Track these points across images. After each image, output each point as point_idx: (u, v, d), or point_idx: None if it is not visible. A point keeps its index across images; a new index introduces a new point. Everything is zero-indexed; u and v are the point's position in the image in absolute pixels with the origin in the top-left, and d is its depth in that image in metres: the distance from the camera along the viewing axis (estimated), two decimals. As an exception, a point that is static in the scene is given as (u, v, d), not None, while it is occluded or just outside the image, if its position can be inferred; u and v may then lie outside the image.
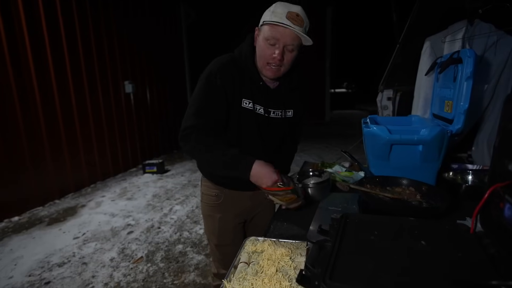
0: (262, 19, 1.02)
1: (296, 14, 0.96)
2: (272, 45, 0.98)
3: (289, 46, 0.98)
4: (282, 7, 0.97)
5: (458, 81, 1.17)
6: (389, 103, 2.16)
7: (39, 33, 3.23)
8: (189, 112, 1.03)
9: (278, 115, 1.14)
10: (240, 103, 1.06)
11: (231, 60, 1.06)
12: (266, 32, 0.98)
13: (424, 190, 1.12)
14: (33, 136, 3.19)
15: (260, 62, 1.04)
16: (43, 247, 2.41)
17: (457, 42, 1.46)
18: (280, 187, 1.01)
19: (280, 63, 1.00)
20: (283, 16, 0.95)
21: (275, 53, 0.98)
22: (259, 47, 1.03)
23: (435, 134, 1.15)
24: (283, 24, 0.94)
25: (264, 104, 1.10)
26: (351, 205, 1.22)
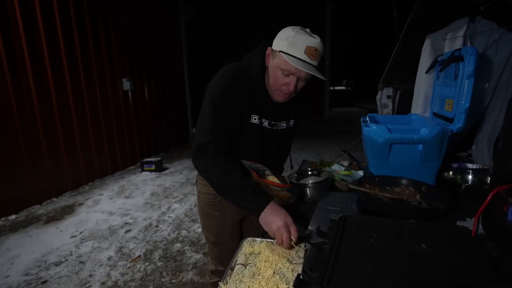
0: (277, 44, 0.98)
1: (315, 49, 0.94)
2: (286, 76, 0.98)
3: (303, 78, 0.99)
4: (301, 39, 0.93)
5: (459, 80, 1.15)
6: (388, 102, 2.15)
7: (34, 28, 3.19)
8: (204, 129, 1.00)
9: (283, 126, 1.18)
10: (249, 119, 1.07)
11: (240, 74, 1.04)
12: (282, 64, 0.96)
13: (424, 190, 1.11)
14: (30, 133, 3.16)
15: (271, 86, 1.03)
16: (40, 246, 2.40)
17: (458, 39, 1.44)
18: (277, 183, 1.02)
19: (292, 93, 1.02)
20: (301, 51, 0.93)
21: (289, 84, 0.99)
22: (272, 72, 1.01)
23: (435, 134, 1.14)
24: (300, 60, 0.93)
25: (270, 118, 1.12)
26: (350, 204, 1.21)
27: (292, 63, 0.92)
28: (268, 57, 1.03)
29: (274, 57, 1.00)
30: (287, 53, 0.94)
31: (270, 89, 1.05)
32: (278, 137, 1.21)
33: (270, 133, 1.16)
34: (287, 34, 0.96)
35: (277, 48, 0.98)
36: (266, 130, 1.13)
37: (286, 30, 0.98)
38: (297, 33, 0.95)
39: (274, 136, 1.18)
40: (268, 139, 1.16)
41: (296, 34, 0.95)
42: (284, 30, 0.99)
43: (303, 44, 0.93)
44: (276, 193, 1.08)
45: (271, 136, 1.17)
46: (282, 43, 0.96)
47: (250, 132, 1.10)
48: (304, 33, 0.95)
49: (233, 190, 0.96)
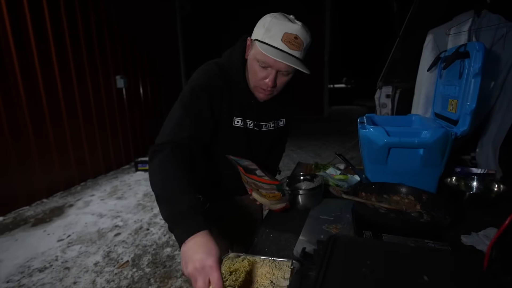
0: (254, 33, 0.86)
1: (295, 37, 0.80)
2: (263, 68, 0.85)
3: (283, 71, 0.85)
4: (278, 25, 0.80)
5: (464, 78, 1.05)
6: (388, 101, 2.05)
7: (22, 21, 3.06)
8: (166, 127, 0.86)
9: (271, 127, 1.07)
10: (231, 122, 0.96)
11: (219, 72, 0.92)
12: (258, 54, 0.83)
13: (425, 199, 1.02)
14: (18, 131, 3.05)
15: (251, 82, 0.92)
16: (25, 250, 2.31)
17: (463, 34, 1.34)
18: (266, 179, 0.93)
19: (272, 89, 0.89)
20: (278, 39, 0.80)
21: (266, 78, 0.86)
22: (250, 65, 0.89)
23: (438, 137, 1.04)
24: (277, 49, 0.80)
25: (255, 119, 1.01)
26: (345, 213, 1.12)
27: (266, 52, 0.79)
28: (248, 49, 0.90)
29: (252, 47, 0.88)
30: (262, 41, 0.82)
31: (251, 86, 0.93)
32: (267, 139, 1.10)
33: (257, 136, 1.05)
34: (264, 20, 0.84)
35: (253, 36, 0.86)
36: (252, 132, 1.03)
37: (265, 17, 0.85)
38: (275, 18, 0.81)
39: (262, 138, 1.07)
40: (255, 142, 1.06)
41: (273, 19, 0.81)
42: (264, 17, 0.86)
43: (281, 30, 0.79)
44: (265, 193, 0.99)
45: (259, 138, 1.06)
46: (259, 30, 0.84)
47: (234, 136, 0.99)
48: (283, 19, 0.81)
49: (166, 201, 0.68)
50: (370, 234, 0.84)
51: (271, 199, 1.00)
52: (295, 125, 1.28)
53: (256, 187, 0.99)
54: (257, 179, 0.94)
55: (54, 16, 3.41)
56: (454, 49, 1.15)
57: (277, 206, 1.03)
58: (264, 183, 0.94)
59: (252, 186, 1.00)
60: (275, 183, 0.94)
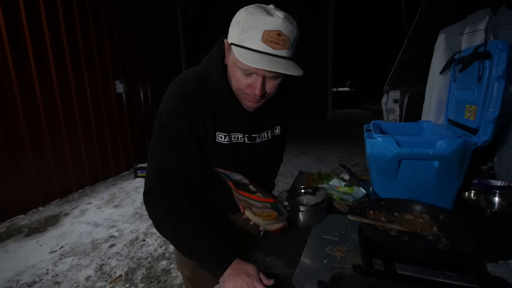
0: (230, 34, 0.72)
1: (278, 34, 0.65)
2: (247, 75, 0.72)
3: (271, 75, 0.71)
4: (255, 22, 0.65)
5: (484, 82, 0.94)
6: (395, 106, 1.92)
7: (18, 25, 3.00)
8: (153, 167, 0.79)
9: (265, 137, 0.94)
10: (214, 138, 0.84)
11: (197, 85, 0.80)
12: (237, 61, 0.69)
13: (442, 218, 0.90)
14: (14, 138, 2.98)
15: (235, 90, 0.79)
16: (15, 262, 2.22)
17: (479, 34, 1.22)
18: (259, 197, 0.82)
19: (261, 98, 0.76)
20: (257, 39, 0.65)
21: (253, 86, 0.72)
22: (231, 72, 0.75)
23: (456, 148, 0.92)
24: (258, 52, 0.66)
25: (246, 131, 0.88)
26: (350, 232, 1.00)
27: (245, 60, 0.65)
28: (227, 51, 0.77)
29: (230, 52, 0.73)
30: (239, 45, 0.68)
31: (237, 95, 0.80)
32: (260, 153, 0.97)
33: (250, 150, 0.92)
34: (238, 18, 0.69)
35: (229, 39, 0.72)
36: (244, 146, 0.90)
37: (239, 13, 0.70)
38: (250, 14, 0.66)
39: (255, 152, 0.94)
40: (246, 157, 0.93)
41: (248, 16, 0.66)
42: (237, 13, 0.71)
43: (259, 28, 0.65)
44: (258, 212, 0.88)
45: (251, 153, 0.93)
46: (234, 31, 0.70)
47: (218, 153, 0.86)
48: (260, 12, 0.66)
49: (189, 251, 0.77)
50: (381, 263, 0.73)
51: (266, 219, 0.89)
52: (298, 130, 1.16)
53: (248, 205, 0.88)
54: (249, 196, 0.83)
55: (51, 21, 3.36)
56: (471, 50, 1.04)
57: (273, 226, 0.92)
58: (257, 200, 0.83)
59: (244, 203, 0.89)
60: (270, 200, 0.83)
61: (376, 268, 0.71)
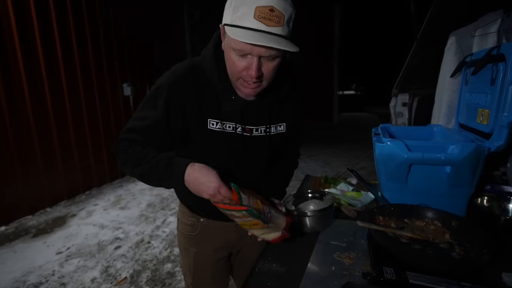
0: (224, 15, 0.72)
1: (270, 9, 0.63)
2: (242, 57, 0.70)
3: (267, 56, 0.69)
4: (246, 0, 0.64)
5: (498, 85, 0.91)
6: (404, 110, 1.89)
7: (29, 29, 3.06)
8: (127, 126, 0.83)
9: (261, 132, 0.87)
10: (205, 124, 0.81)
11: (191, 69, 0.81)
12: (231, 42, 0.68)
13: (455, 226, 0.87)
14: (23, 140, 3.03)
15: (232, 76, 0.76)
16: (22, 263, 2.24)
17: (491, 36, 1.20)
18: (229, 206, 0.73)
19: (258, 80, 0.72)
20: (249, 16, 0.63)
21: (249, 68, 0.70)
22: (227, 57, 0.74)
23: (468, 153, 0.90)
24: (250, 29, 0.64)
25: (238, 121, 0.83)
26: (359, 238, 0.98)
27: (238, 37, 0.63)
28: (222, 37, 0.75)
29: (225, 35, 0.72)
30: (232, 24, 0.67)
31: (232, 80, 0.78)
32: (258, 148, 0.88)
33: (242, 143, 0.85)
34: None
35: (223, 21, 0.71)
36: (235, 138, 0.84)
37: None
38: None
39: (250, 146, 0.87)
40: (241, 151, 0.86)
41: None
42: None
43: (251, 5, 0.63)
44: (243, 222, 0.79)
45: (244, 146, 0.86)
46: (227, 12, 0.69)
47: (210, 141, 0.83)
48: None
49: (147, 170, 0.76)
50: (392, 272, 0.71)
51: (255, 227, 0.81)
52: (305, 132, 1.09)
53: (232, 217, 0.79)
54: (222, 206, 0.74)
55: (61, 24, 3.42)
56: (483, 52, 1.01)
57: (270, 236, 0.84)
58: (231, 210, 0.74)
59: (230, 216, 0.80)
60: (241, 208, 0.73)
61: (387, 277, 0.69)
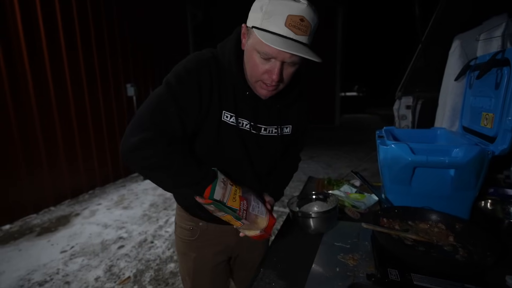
0: (251, 18, 0.72)
1: (301, 19, 0.66)
2: (266, 60, 0.71)
3: (290, 62, 0.71)
4: (279, 6, 0.66)
5: (502, 89, 0.92)
6: (408, 113, 1.90)
7: (35, 30, 3.10)
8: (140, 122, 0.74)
9: (272, 132, 0.89)
10: (219, 116, 0.80)
11: (212, 58, 0.80)
12: (257, 44, 0.69)
13: (458, 228, 0.88)
14: (28, 139, 3.07)
15: (251, 76, 0.77)
16: (27, 261, 2.26)
17: (495, 40, 1.20)
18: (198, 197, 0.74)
19: (277, 84, 0.75)
20: (281, 24, 0.66)
21: (271, 72, 0.72)
22: (248, 57, 0.75)
23: (473, 156, 0.91)
24: (281, 36, 0.66)
25: (251, 119, 0.84)
26: (363, 240, 0.99)
27: (268, 42, 0.65)
28: (243, 37, 0.76)
29: (249, 36, 0.73)
30: (262, 28, 0.68)
31: (250, 81, 0.78)
32: (269, 147, 0.90)
33: (255, 140, 0.87)
34: (261, 2, 0.69)
35: (250, 23, 0.72)
36: (248, 134, 0.85)
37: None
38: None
39: (261, 144, 0.88)
40: (253, 148, 0.87)
41: (272, 0, 0.67)
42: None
43: (283, 13, 0.65)
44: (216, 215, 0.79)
45: (257, 143, 0.88)
46: (256, 15, 0.69)
47: (226, 136, 0.82)
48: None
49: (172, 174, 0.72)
50: (396, 273, 0.72)
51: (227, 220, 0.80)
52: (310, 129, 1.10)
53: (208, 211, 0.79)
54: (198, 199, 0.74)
55: (67, 25, 3.45)
56: (488, 56, 1.02)
57: (249, 232, 0.84)
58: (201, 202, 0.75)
59: None
60: (208, 202, 0.73)
61: (392, 278, 0.70)
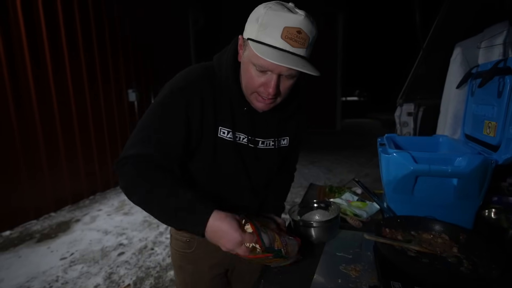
0: (247, 29, 0.71)
1: (298, 31, 0.64)
2: (262, 72, 0.69)
3: (287, 75, 0.70)
4: (276, 18, 0.64)
5: (505, 98, 0.91)
6: (409, 120, 1.89)
7: (38, 35, 3.12)
8: (135, 139, 0.73)
9: (270, 145, 0.88)
10: (215, 132, 0.78)
11: (205, 75, 0.78)
12: (253, 57, 0.67)
13: (462, 239, 0.86)
14: (29, 145, 3.07)
15: (247, 89, 0.75)
16: (27, 268, 2.24)
17: (496, 48, 1.20)
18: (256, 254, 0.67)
19: (274, 97, 0.73)
20: (277, 36, 0.64)
21: (267, 85, 0.70)
22: (244, 69, 0.73)
23: (476, 166, 0.90)
24: (277, 49, 0.64)
25: (249, 133, 0.83)
26: (365, 250, 0.97)
27: (264, 55, 0.63)
28: (240, 48, 0.74)
29: (245, 48, 0.71)
30: (257, 40, 0.66)
31: (246, 93, 0.76)
32: (266, 160, 0.89)
33: (253, 154, 0.85)
34: (257, 13, 0.67)
35: (246, 35, 0.70)
36: (245, 149, 0.83)
37: (257, 8, 0.68)
38: (270, 9, 0.65)
39: (259, 158, 0.87)
40: (251, 162, 0.86)
41: (268, 11, 0.65)
42: (256, 8, 0.69)
43: (279, 25, 0.63)
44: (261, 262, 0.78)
45: (255, 157, 0.86)
46: (252, 27, 0.68)
47: (222, 152, 0.80)
48: (281, 9, 0.65)
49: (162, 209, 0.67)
50: (400, 286, 0.70)
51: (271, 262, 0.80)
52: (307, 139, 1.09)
53: None
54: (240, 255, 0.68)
55: (69, 30, 3.49)
56: (489, 64, 1.02)
57: (284, 263, 0.84)
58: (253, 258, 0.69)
59: None
60: (268, 255, 0.69)
61: (395, 292, 0.68)
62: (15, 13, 2.88)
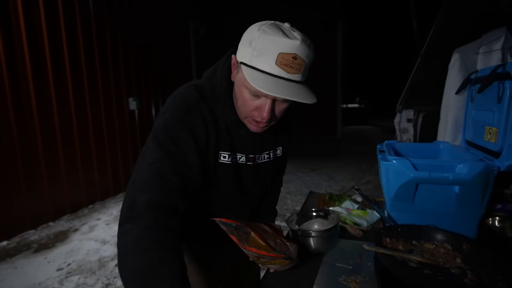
0: (240, 51, 0.67)
1: (293, 57, 0.60)
2: (255, 97, 0.67)
3: (281, 99, 0.67)
4: (270, 43, 0.60)
5: (505, 103, 0.90)
6: (409, 126, 1.87)
7: (39, 42, 3.15)
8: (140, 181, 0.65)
9: (265, 158, 0.88)
10: (216, 157, 0.77)
11: (200, 98, 0.73)
12: (246, 81, 0.63)
13: (466, 249, 0.83)
14: (29, 154, 3.06)
15: (239, 112, 0.73)
16: (22, 279, 2.20)
17: (495, 53, 1.19)
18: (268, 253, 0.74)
19: (268, 122, 0.70)
20: (271, 62, 0.60)
21: (261, 109, 0.67)
22: (238, 92, 0.70)
23: (478, 173, 0.87)
24: (271, 76, 0.61)
25: (248, 151, 0.82)
26: (366, 261, 0.94)
27: (257, 84, 0.60)
28: (233, 68, 0.71)
29: (239, 70, 0.68)
30: (251, 65, 0.63)
31: (240, 116, 0.74)
32: (262, 173, 0.90)
33: (251, 171, 0.86)
34: (251, 35, 0.63)
35: (239, 58, 0.67)
36: (244, 168, 0.83)
37: (251, 29, 0.65)
38: (264, 33, 0.61)
39: (256, 173, 0.88)
40: (248, 179, 0.86)
41: (262, 35, 0.61)
42: (250, 28, 0.66)
43: (274, 51, 0.60)
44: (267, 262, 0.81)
45: (252, 174, 0.87)
46: (245, 50, 0.64)
47: (221, 174, 0.80)
48: (276, 32, 0.60)
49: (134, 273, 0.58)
50: (402, 299, 0.67)
51: (277, 264, 0.82)
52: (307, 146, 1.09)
53: (256, 258, 0.80)
54: (257, 251, 0.75)
55: (70, 38, 3.52)
56: (488, 70, 1.01)
57: (284, 268, 0.84)
58: (267, 256, 0.76)
59: (251, 257, 0.81)
60: (280, 256, 0.75)
61: (396, 306, 0.65)
62: (17, 24, 2.92)
